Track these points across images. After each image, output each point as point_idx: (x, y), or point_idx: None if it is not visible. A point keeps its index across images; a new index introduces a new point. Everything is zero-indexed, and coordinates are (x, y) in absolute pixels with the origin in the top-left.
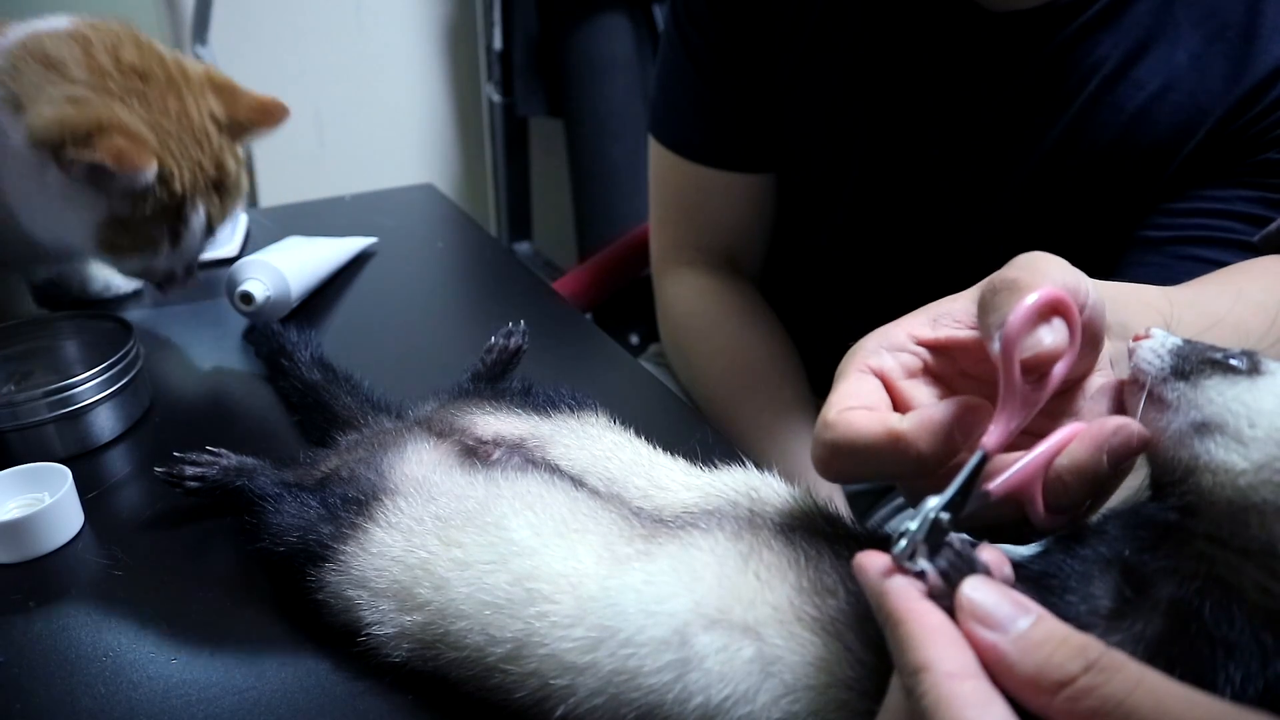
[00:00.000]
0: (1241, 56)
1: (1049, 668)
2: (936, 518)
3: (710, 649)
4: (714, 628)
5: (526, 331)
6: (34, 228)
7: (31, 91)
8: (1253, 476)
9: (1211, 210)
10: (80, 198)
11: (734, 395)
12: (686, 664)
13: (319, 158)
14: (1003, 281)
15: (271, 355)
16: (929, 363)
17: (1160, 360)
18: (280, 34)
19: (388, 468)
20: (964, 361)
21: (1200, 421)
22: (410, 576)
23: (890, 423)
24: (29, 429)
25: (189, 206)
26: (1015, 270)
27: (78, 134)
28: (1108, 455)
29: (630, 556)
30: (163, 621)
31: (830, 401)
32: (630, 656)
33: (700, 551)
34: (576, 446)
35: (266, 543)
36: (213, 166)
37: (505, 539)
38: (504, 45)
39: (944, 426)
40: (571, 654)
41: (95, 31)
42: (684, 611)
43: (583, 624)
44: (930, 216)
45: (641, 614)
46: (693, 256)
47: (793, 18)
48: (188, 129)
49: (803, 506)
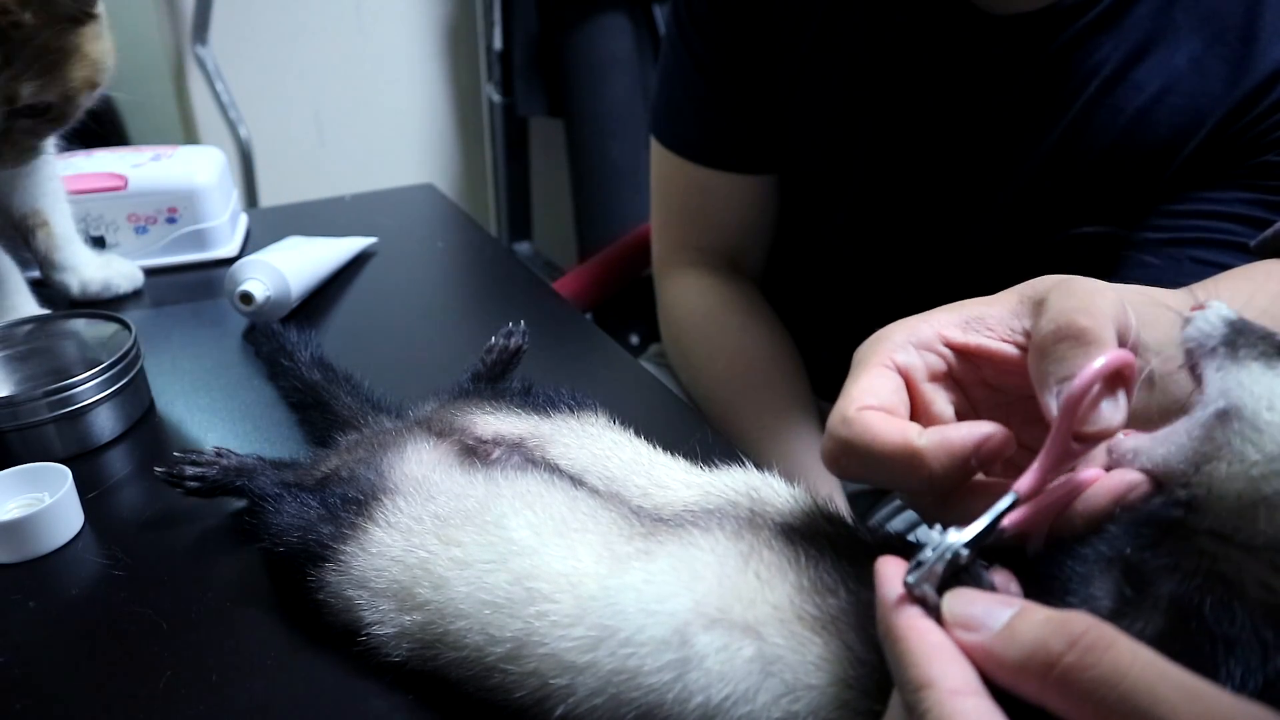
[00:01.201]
0: (1241, 59)
1: (1035, 651)
2: (956, 553)
3: (710, 648)
4: (714, 627)
5: (527, 332)
6: None
7: None
8: (1265, 467)
9: (1210, 212)
10: None
11: (735, 395)
12: (686, 663)
13: (319, 158)
14: (1067, 328)
15: (271, 355)
16: (953, 366)
17: (1214, 330)
18: (280, 34)
19: (387, 467)
20: (988, 372)
21: (1223, 409)
22: (410, 576)
23: (910, 436)
24: (29, 429)
25: None
26: (1071, 306)
27: None
28: (1121, 506)
29: (630, 555)
30: (163, 621)
31: (849, 394)
32: (630, 656)
33: (700, 550)
34: (576, 446)
35: (267, 543)
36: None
37: (505, 538)
38: (504, 45)
39: (963, 453)
40: (571, 653)
41: None
42: (684, 611)
43: (582, 623)
44: (931, 218)
45: (641, 613)
46: (694, 257)
47: (795, 20)
48: None
49: (803, 506)
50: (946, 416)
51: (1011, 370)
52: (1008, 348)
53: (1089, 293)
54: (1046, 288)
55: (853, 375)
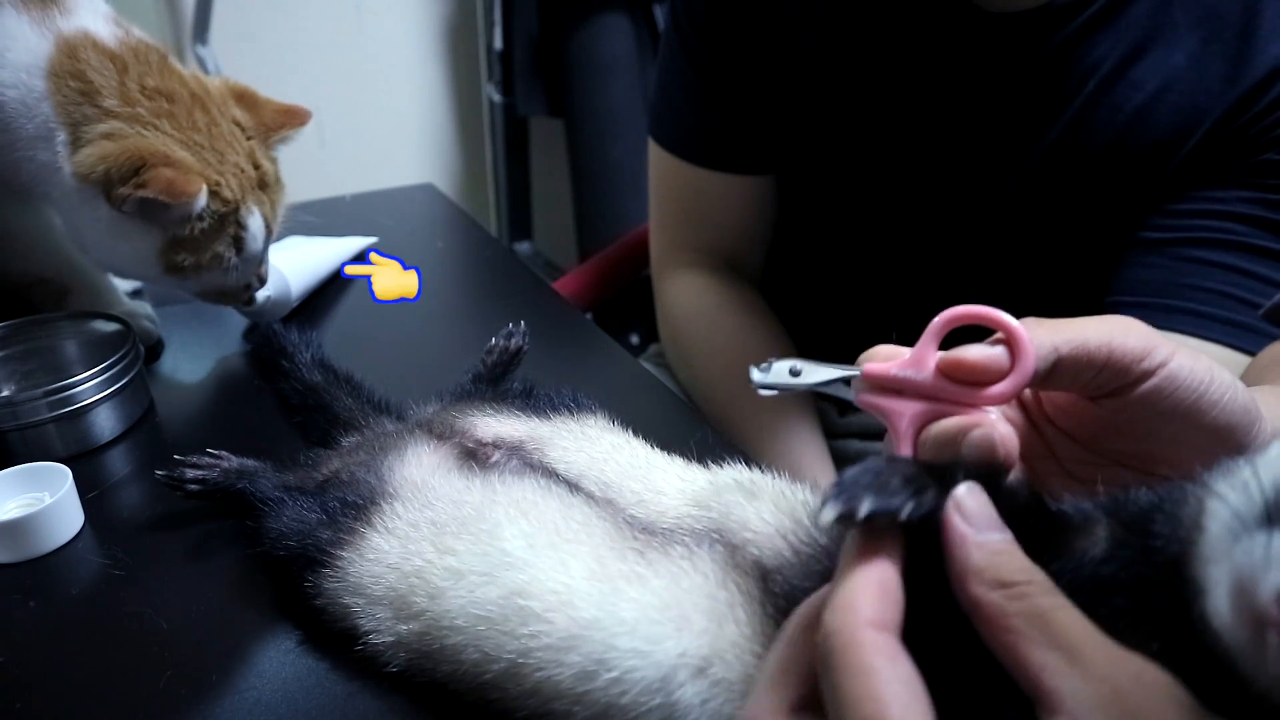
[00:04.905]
0: (1239, 57)
1: (998, 569)
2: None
3: (695, 700)
4: (699, 677)
5: (527, 332)
6: (100, 261)
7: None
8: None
9: (1211, 211)
10: (135, 229)
11: (733, 395)
12: (673, 708)
13: (319, 158)
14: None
15: (272, 356)
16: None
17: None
18: (280, 34)
19: (387, 471)
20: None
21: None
22: (406, 584)
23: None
24: (29, 429)
25: (243, 210)
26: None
27: (123, 170)
28: (966, 448)
29: (621, 575)
30: (162, 621)
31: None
32: (622, 694)
33: (689, 592)
34: (575, 449)
35: (266, 547)
36: (251, 167)
37: (498, 549)
38: (504, 45)
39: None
40: (567, 681)
41: (132, 54)
42: (672, 658)
43: (577, 651)
44: (929, 218)
45: (633, 654)
46: (692, 257)
47: (792, 20)
48: (219, 137)
49: (791, 543)
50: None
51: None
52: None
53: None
54: None
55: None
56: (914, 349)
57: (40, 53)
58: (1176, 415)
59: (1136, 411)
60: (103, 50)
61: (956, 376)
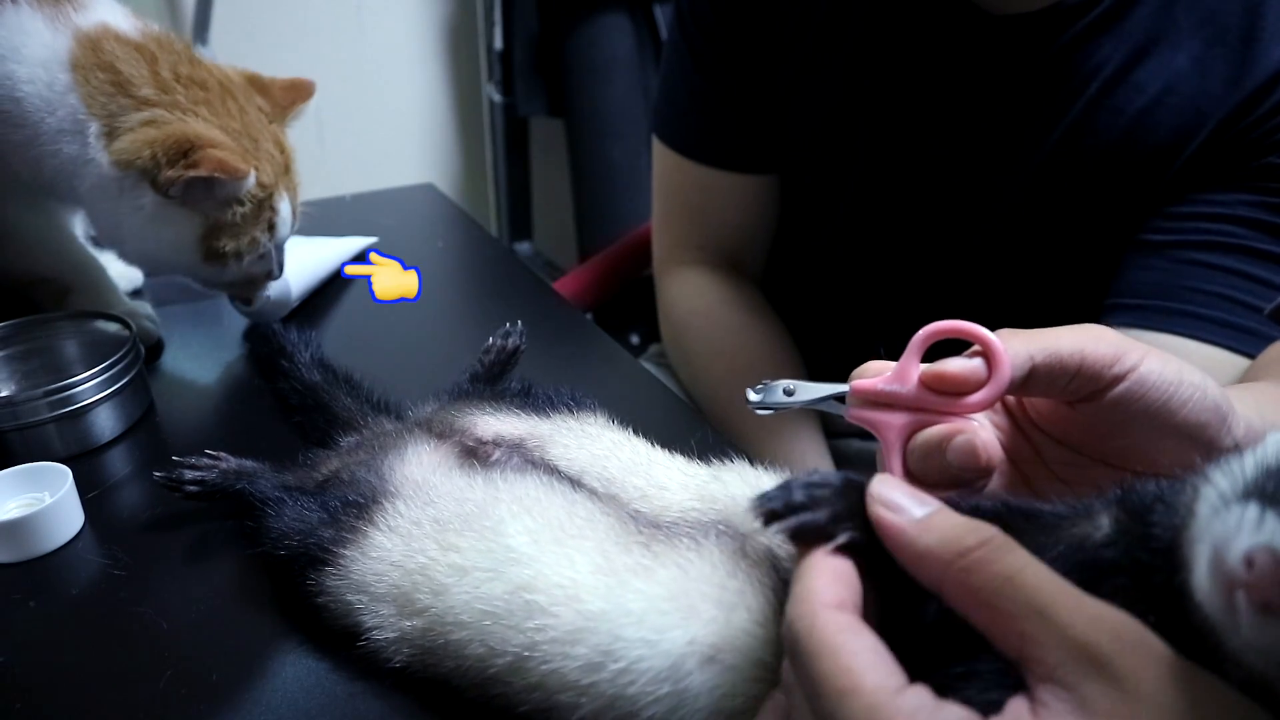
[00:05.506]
0: (1242, 60)
1: (947, 541)
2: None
3: (704, 686)
4: (709, 664)
5: (524, 332)
6: (137, 253)
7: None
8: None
9: (1213, 214)
10: (177, 216)
11: (735, 394)
12: (682, 695)
13: (319, 158)
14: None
15: (271, 356)
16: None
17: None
18: (280, 34)
19: (388, 470)
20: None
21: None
22: (410, 581)
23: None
24: (29, 429)
25: (277, 195)
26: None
27: (171, 153)
28: (950, 454)
29: (627, 568)
30: (162, 621)
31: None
32: (630, 684)
33: (697, 581)
34: (575, 446)
35: (267, 546)
36: (278, 152)
37: (502, 545)
38: (504, 45)
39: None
40: (574, 673)
41: (157, 45)
42: (680, 647)
43: (584, 643)
44: (932, 218)
45: (641, 643)
46: (695, 256)
47: (797, 20)
48: (251, 124)
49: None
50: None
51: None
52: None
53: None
54: None
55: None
56: (898, 364)
57: (58, 47)
58: (1148, 415)
59: (1111, 414)
60: (127, 42)
61: (938, 388)
